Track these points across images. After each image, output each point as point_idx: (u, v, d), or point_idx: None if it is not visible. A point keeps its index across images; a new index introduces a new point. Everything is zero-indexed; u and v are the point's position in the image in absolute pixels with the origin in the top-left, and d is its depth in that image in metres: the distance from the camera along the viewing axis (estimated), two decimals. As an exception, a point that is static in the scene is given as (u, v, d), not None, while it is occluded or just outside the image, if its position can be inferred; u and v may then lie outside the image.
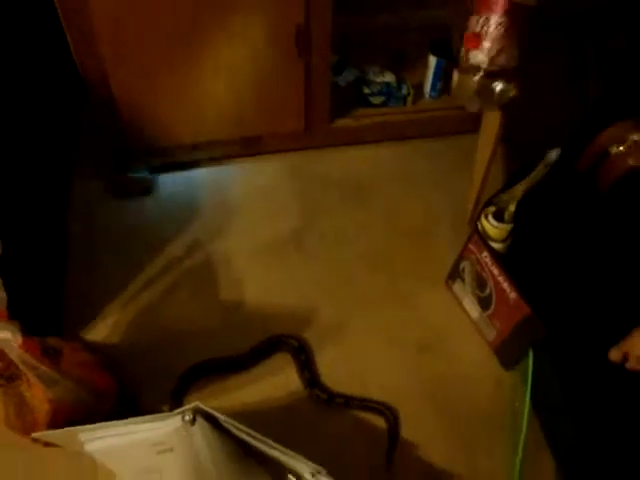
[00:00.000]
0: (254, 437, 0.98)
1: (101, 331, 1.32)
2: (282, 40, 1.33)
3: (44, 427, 1.02)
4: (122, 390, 1.20)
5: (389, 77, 1.59)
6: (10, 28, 1.32)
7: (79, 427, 0.97)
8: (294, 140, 1.57)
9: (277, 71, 1.38)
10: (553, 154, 1.25)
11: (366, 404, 1.25)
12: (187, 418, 0.94)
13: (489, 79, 1.08)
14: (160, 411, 1.21)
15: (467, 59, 1.09)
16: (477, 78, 1.08)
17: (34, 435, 1.01)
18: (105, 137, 1.44)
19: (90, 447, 1.00)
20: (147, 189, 1.54)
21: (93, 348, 1.27)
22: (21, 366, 0.87)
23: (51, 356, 0.95)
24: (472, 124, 1.37)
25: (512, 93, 1.08)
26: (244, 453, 1.07)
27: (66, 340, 1.10)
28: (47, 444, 1.12)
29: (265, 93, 1.42)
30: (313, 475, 0.99)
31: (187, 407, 0.94)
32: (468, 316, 1.36)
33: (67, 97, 1.57)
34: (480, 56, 1.07)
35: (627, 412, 1.04)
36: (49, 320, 1.31)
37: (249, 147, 1.56)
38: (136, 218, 1.51)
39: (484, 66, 1.07)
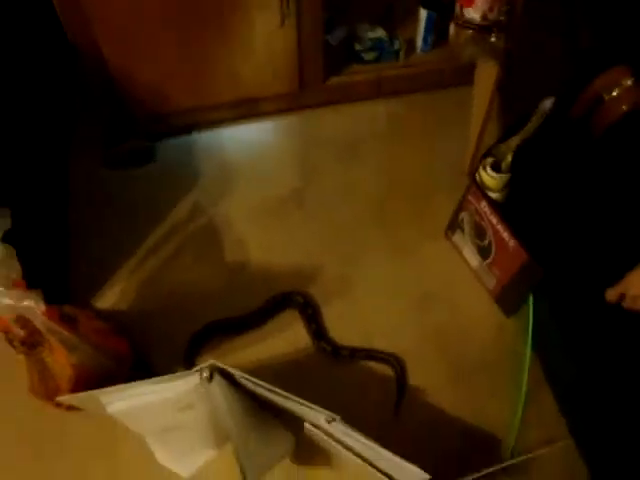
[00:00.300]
0: (270, 390, 1.01)
1: (109, 299, 1.35)
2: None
3: (67, 392, 1.05)
4: (135, 354, 1.24)
5: (380, 32, 1.58)
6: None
7: (102, 390, 1.01)
8: (289, 101, 1.58)
9: (268, 33, 1.37)
10: (547, 104, 1.27)
11: (372, 354, 1.29)
12: (205, 375, 0.98)
13: (482, 32, 1.13)
14: (173, 373, 1.26)
15: (462, 15, 1.15)
16: (471, 32, 1.14)
17: (58, 399, 1.05)
18: (100, 106, 1.44)
19: (112, 409, 1.03)
20: (146, 157, 1.54)
21: (103, 315, 1.30)
22: (45, 332, 0.90)
23: (69, 323, 0.97)
24: (466, 76, 1.39)
25: (503, 44, 1.11)
26: (259, 407, 1.12)
27: (79, 308, 1.12)
28: (69, 408, 1.16)
29: (258, 55, 1.42)
30: (329, 422, 1.03)
31: (204, 365, 0.97)
32: (468, 265, 1.40)
33: (61, 70, 1.55)
34: (472, 13, 1.14)
35: (624, 349, 1.09)
36: (57, 290, 1.31)
37: (245, 109, 1.56)
38: (137, 187, 1.52)
39: (477, 21, 1.13)
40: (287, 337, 1.31)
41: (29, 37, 1.40)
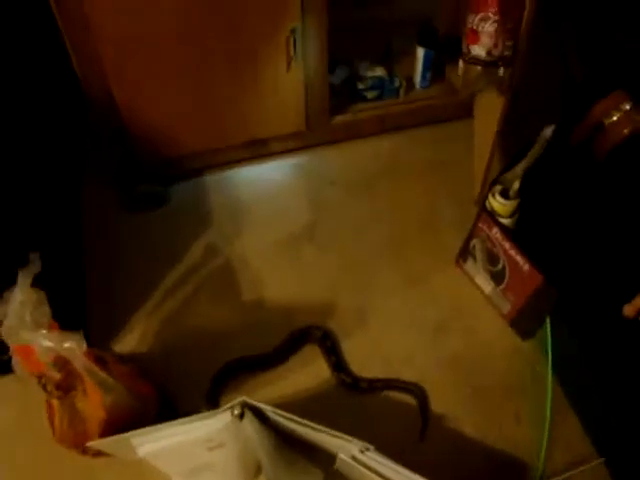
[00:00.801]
0: (302, 424, 1.02)
1: (129, 342, 1.35)
2: (280, 44, 1.37)
3: (96, 436, 1.05)
4: (160, 396, 1.24)
5: (380, 71, 1.64)
6: (14, 44, 1.34)
7: (133, 432, 1.01)
8: (297, 140, 1.62)
9: (276, 77, 1.42)
10: (548, 131, 1.32)
11: (390, 384, 1.30)
12: (236, 412, 0.98)
13: (490, 67, 1.17)
14: (198, 412, 1.25)
15: (469, 52, 1.21)
16: (479, 68, 1.20)
17: (88, 444, 1.04)
18: (112, 151, 1.47)
19: (142, 451, 1.03)
20: (160, 200, 1.57)
21: (124, 358, 1.30)
22: (85, 374, 0.90)
23: (100, 363, 0.98)
24: (464, 110, 1.44)
25: (509, 78, 1.17)
26: (287, 445, 1.12)
27: (104, 351, 1.13)
28: (96, 454, 1.15)
29: (267, 98, 1.47)
30: (362, 452, 1.04)
31: (235, 402, 0.98)
32: (481, 292, 1.42)
33: (72, 112, 1.58)
34: (478, 50, 1.20)
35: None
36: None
37: (255, 150, 1.60)
38: (152, 229, 1.54)
39: (482, 57, 1.20)
40: (309, 372, 1.32)
41: (42, 82, 1.44)
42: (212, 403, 1.26)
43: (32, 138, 1.35)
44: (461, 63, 1.24)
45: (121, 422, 1.06)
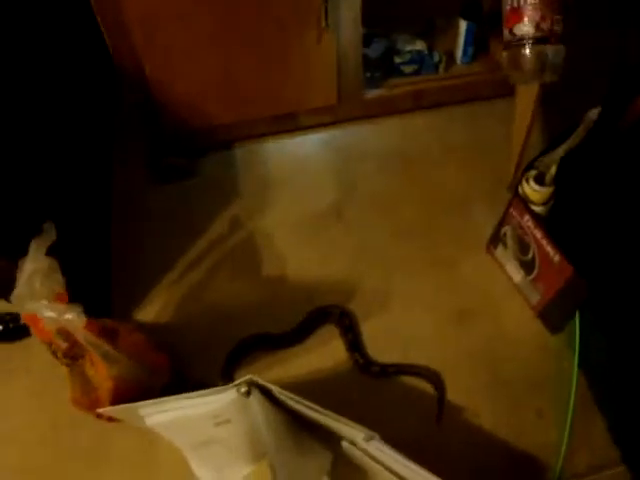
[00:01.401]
0: (308, 407, 1.00)
1: (150, 312, 1.36)
2: (310, 14, 1.32)
3: (107, 404, 1.07)
4: (173, 367, 1.25)
5: (420, 45, 1.57)
6: (44, 19, 1.34)
7: (140, 402, 1.02)
8: (328, 114, 1.58)
9: (307, 46, 1.37)
10: (593, 114, 1.24)
11: (404, 369, 1.27)
12: (242, 390, 0.97)
13: (539, 45, 1.08)
14: (211, 386, 1.26)
15: (513, 35, 1.11)
16: (528, 49, 1.09)
17: (99, 410, 1.06)
18: (142, 123, 1.47)
19: (150, 422, 1.04)
20: (188, 172, 1.56)
21: (144, 328, 1.31)
22: (86, 345, 0.91)
23: (109, 336, 0.98)
24: (507, 87, 1.35)
25: (563, 55, 1.07)
26: (297, 425, 1.11)
27: (120, 321, 1.14)
28: (110, 419, 1.18)
29: (297, 69, 1.42)
30: (367, 440, 1.02)
31: (242, 380, 0.97)
32: (511, 281, 1.36)
33: (104, 84, 1.59)
34: (524, 27, 1.08)
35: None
36: (99, 303, 1.35)
37: (285, 124, 1.57)
38: (178, 201, 1.54)
39: (531, 34, 1.08)
40: (325, 352, 1.30)
41: (73, 54, 1.45)
42: (226, 378, 1.26)
43: (64, 109, 1.37)
44: (505, 54, 1.14)
45: (130, 392, 1.07)
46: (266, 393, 1.01)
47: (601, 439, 1.18)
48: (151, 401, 1.02)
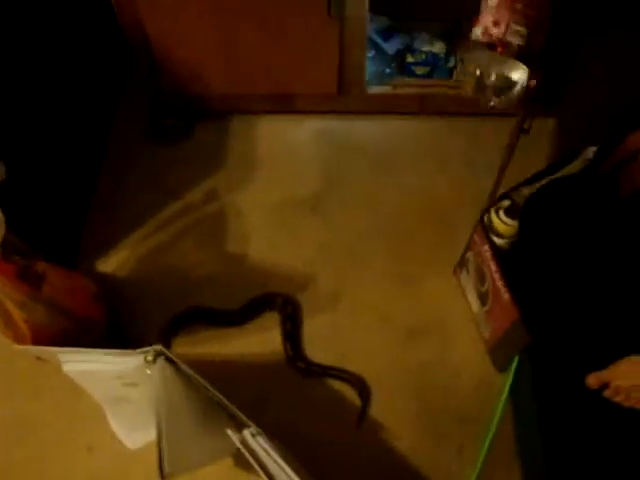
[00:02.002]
0: (207, 389, 1.01)
1: (111, 264, 1.40)
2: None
3: (29, 341, 1.11)
4: (114, 322, 1.28)
5: (438, 47, 1.49)
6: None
7: (57, 348, 1.05)
8: (327, 102, 1.54)
9: (309, 27, 1.34)
10: (590, 151, 1.15)
11: (330, 372, 1.25)
12: (149, 358, 0.99)
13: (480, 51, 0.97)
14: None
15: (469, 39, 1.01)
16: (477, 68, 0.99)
17: (19, 347, 1.11)
18: (143, 82, 1.49)
19: (67, 368, 1.08)
20: (181, 135, 1.57)
21: (97, 278, 1.35)
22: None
23: (29, 280, 1.01)
24: (518, 107, 1.28)
25: (521, 76, 0.97)
26: (210, 398, 1.12)
27: (57, 267, 1.16)
28: (38, 358, 1.23)
29: (297, 50, 1.39)
30: (253, 435, 1.01)
31: (150, 348, 0.98)
32: (470, 309, 1.31)
33: (110, 45, 1.60)
34: (476, 31, 0.97)
35: (598, 438, 0.97)
36: (66, 247, 1.40)
37: (281, 104, 1.54)
38: (166, 163, 1.55)
39: (478, 38, 0.97)
40: (264, 339, 1.30)
41: (81, 15, 1.47)
42: (164, 342, 1.28)
43: (70, 65, 1.41)
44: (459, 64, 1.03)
45: (51, 335, 1.11)
46: (176, 366, 1.02)
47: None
48: (66, 349, 1.04)
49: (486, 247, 1.15)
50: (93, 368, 1.06)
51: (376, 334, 1.30)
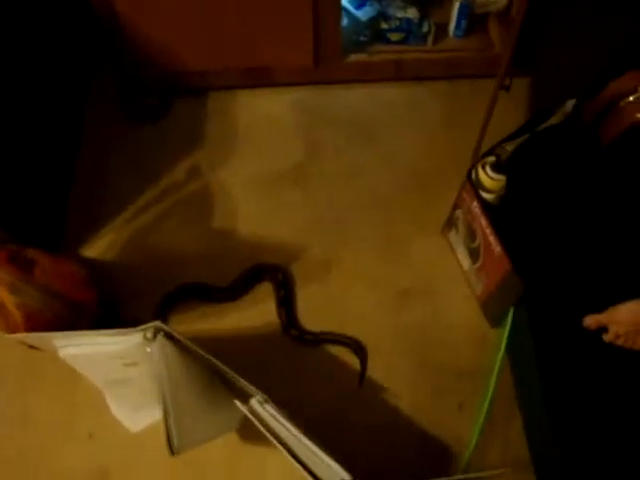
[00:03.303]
0: (210, 360, 1.01)
1: (97, 248, 1.38)
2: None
3: (22, 330, 1.08)
4: (107, 306, 1.26)
5: (411, 13, 1.50)
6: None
7: (52, 333, 1.03)
8: (304, 74, 1.53)
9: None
10: (569, 105, 1.18)
11: (324, 337, 1.26)
12: (148, 335, 0.98)
13: None
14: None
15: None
16: None
17: (11, 336, 1.08)
18: (115, 61, 1.45)
19: (63, 353, 1.06)
20: (158, 115, 1.55)
21: (86, 263, 1.32)
22: (-19, 269, 0.92)
23: (20, 265, 0.99)
24: (495, 67, 1.29)
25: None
26: (215, 378, 1.11)
27: (46, 252, 1.14)
28: (32, 347, 1.20)
29: (272, 22, 1.38)
30: (261, 403, 1.02)
31: (148, 325, 0.97)
32: (460, 267, 1.33)
33: (79, 24, 1.56)
34: None
35: (598, 382, 1.00)
36: (50, 234, 1.37)
37: (258, 78, 1.53)
38: (145, 142, 1.53)
39: None
40: (259, 312, 1.30)
41: None
42: (160, 320, 1.27)
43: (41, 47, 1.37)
44: None
45: (45, 322, 1.09)
46: (178, 342, 1.02)
47: (517, 438, 1.16)
48: (62, 333, 1.03)
49: (475, 203, 1.17)
50: (91, 351, 1.05)
51: (369, 298, 1.31)
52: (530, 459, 1.13)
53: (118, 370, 1.08)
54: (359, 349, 1.24)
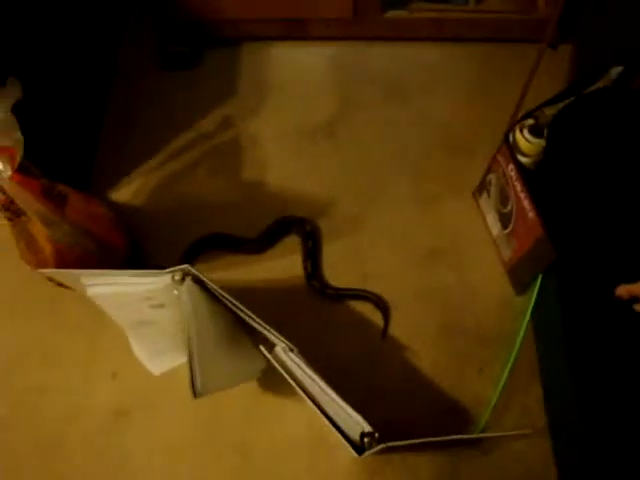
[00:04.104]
0: (236, 306, 1.01)
1: (125, 194, 1.38)
2: None
3: (52, 265, 1.09)
4: (134, 249, 1.27)
5: (455, -30, 1.45)
6: None
7: (81, 270, 1.04)
8: (341, 27, 1.50)
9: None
10: (615, 71, 1.14)
11: (355, 293, 1.26)
12: (176, 277, 0.98)
13: None
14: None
15: None
16: None
17: (40, 270, 1.09)
18: (151, 7, 1.43)
19: (91, 292, 1.07)
20: (190, 63, 1.53)
21: (113, 206, 1.33)
22: (16, 199, 0.92)
23: (53, 199, 0.99)
24: (539, 32, 1.25)
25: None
26: (238, 325, 1.12)
27: (78, 191, 1.14)
28: (60, 285, 1.21)
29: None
30: (286, 352, 1.02)
31: (177, 267, 0.98)
32: (489, 232, 1.31)
33: None
34: None
35: (623, 350, 0.99)
36: (80, 175, 1.37)
37: (294, 30, 1.50)
38: (177, 90, 1.52)
39: None
40: (285, 264, 1.30)
41: None
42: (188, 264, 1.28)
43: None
44: None
45: (75, 260, 1.10)
46: (204, 287, 1.02)
47: (535, 406, 1.15)
48: (91, 271, 1.03)
49: (511, 166, 1.15)
50: (119, 290, 1.05)
51: (395, 257, 1.31)
52: (547, 427, 1.13)
53: (144, 311, 1.09)
54: (381, 302, 1.24)
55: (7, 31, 1.10)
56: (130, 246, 1.24)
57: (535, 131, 1.14)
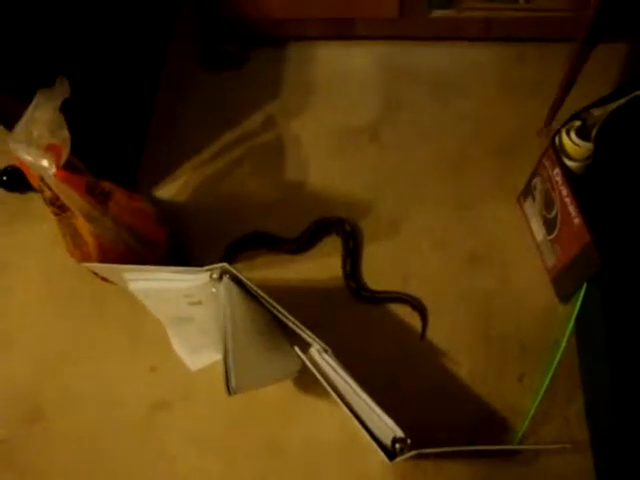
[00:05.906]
0: (273, 305, 1.02)
1: (168, 191, 1.41)
2: None
3: (95, 260, 1.13)
4: (175, 245, 1.29)
5: (506, -34, 1.41)
6: None
7: (123, 265, 1.07)
8: (388, 27, 1.48)
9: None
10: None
11: (391, 295, 1.25)
12: (214, 276, 1.00)
13: None
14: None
15: None
16: None
17: (85, 265, 1.13)
18: (197, 6, 1.45)
19: (133, 286, 1.09)
20: (236, 63, 1.54)
21: (157, 203, 1.36)
22: (60, 195, 0.95)
23: (97, 195, 1.02)
24: (597, 32, 1.21)
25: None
26: (274, 324, 1.13)
27: (122, 188, 1.17)
28: (104, 279, 1.25)
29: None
30: (320, 353, 1.02)
31: (215, 266, 0.99)
32: (533, 238, 1.28)
33: None
34: None
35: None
36: (125, 172, 1.41)
37: (340, 29, 1.49)
38: (221, 89, 1.53)
39: None
40: (325, 263, 1.30)
41: None
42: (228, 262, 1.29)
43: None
44: None
45: (117, 255, 1.13)
46: (242, 286, 1.03)
47: (575, 419, 1.12)
48: (132, 266, 1.06)
49: (557, 170, 1.11)
50: (160, 286, 1.08)
51: (435, 260, 1.29)
52: (589, 442, 1.10)
53: (183, 308, 1.11)
54: (418, 304, 1.23)
55: (57, 31, 1.13)
56: (172, 242, 1.26)
57: (582, 134, 1.10)
